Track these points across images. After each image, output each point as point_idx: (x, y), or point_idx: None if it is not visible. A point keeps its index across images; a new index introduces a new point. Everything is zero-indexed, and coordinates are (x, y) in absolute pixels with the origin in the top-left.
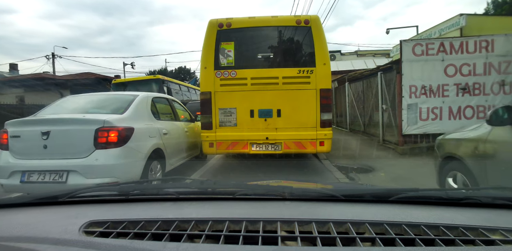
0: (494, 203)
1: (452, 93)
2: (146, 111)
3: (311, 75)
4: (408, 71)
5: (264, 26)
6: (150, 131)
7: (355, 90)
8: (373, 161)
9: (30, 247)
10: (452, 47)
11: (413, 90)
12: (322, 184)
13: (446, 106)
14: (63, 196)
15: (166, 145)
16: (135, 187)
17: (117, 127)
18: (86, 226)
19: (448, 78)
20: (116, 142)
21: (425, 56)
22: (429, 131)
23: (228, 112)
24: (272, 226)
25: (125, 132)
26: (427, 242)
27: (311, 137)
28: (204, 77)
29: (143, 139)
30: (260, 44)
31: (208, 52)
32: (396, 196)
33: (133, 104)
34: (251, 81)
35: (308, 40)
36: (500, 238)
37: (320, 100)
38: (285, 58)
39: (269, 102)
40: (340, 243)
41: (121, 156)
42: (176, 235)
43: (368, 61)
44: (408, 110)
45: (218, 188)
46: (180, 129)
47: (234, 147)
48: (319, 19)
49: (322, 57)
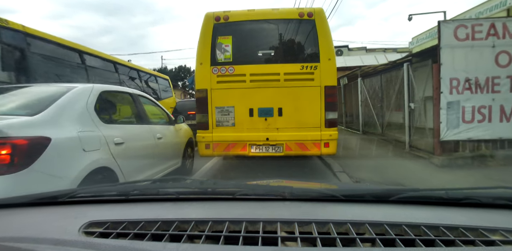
0: (494, 203)
1: (504, 88)
2: (85, 111)
3: (315, 71)
4: (448, 60)
5: (264, 20)
6: (87, 141)
7: (370, 86)
8: (404, 176)
9: (29, 247)
10: (506, 29)
11: (455, 84)
12: (322, 184)
13: (497, 105)
14: (63, 196)
15: (120, 160)
16: (135, 187)
17: (13, 137)
18: (85, 227)
19: (499, 69)
20: (8, 163)
21: (470, 41)
22: (475, 136)
23: (226, 111)
24: (272, 227)
25: (29, 146)
26: (427, 243)
27: (315, 138)
28: (200, 74)
29: (70, 155)
30: (260, 38)
31: (204, 47)
32: (396, 196)
33: (59, 101)
34: (250, 78)
35: (312, 34)
36: (500, 238)
37: (325, 98)
38: (287, 53)
39: (269, 101)
40: (340, 244)
41: (17, 189)
42: (176, 236)
43: (379, 57)
44: (447, 109)
45: (218, 188)
46: (148, 135)
47: (232, 149)
48: (324, 12)
49: (327, 52)
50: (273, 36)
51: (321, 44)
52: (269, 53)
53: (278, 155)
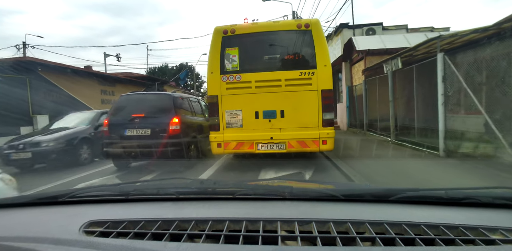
0: (494, 202)
1: None
2: None
3: (312, 77)
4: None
5: (266, 31)
6: None
7: (418, 77)
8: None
9: (30, 247)
10: None
11: None
12: (322, 184)
13: None
14: (63, 196)
15: None
16: (135, 186)
17: None
18: (86, 226)
19: None
20: None
21: None
22: None
23: (234, 114)
24: (272, 226)
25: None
26: (427, 242)
27: (314, 136)
28: (211, 82)
29: None
30: (263, 48)
31: (214, 58)
32: (396, 196)
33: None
34: (255, 84)
35: (309, 43)
36: (500, 237)
37: (322, 101)
38: (287, 61)
39: (273, 104)
40: (340, 243)
41: None
42: (176, 235)
43: None
44: None
45: (218, 188)
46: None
47: (241, 147)
48: (319, 23)
49: (323, 59)
50: (274, 46)
51: (317, 52)
52: (271, 62)
53: (282, 151)
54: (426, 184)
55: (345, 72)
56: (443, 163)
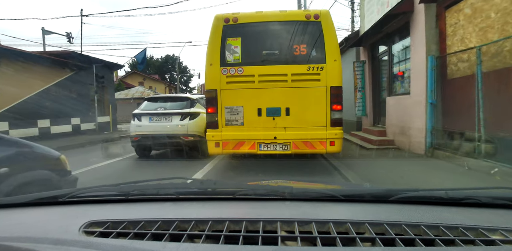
0: (494, 203)
1: None
2: None
3: (321, 72)
4: None
5: (272, 21)
6: None
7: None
8: None
9: (30, 247)
10: None
11: None
12: (322, 184)
13: None
14: (63, 196)
15: None
16: (135, 187)
17: None
18: (86, 226)
19: None
20: None
21: None
22: None
23: (235, 111)
24: (272, 226)
25: None
26: (427, 242)
27: (321, 137)
28: (210, 75)
29: None
30: (268, 40)
31: (213, 49)
32: (396, 196)
33: None
34: (259, 79)
35: (318, 35)
36: (500, 238)
37: (330, 98)
38: (294, 55)
39: (277, 101)
40: (340, 243)
41: None
42: (176, 235)
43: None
44: None
45: (218, 188)
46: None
47: (241, 147)
48: (329, 14)
49: (333, 53)
50: (280, 38)
51: (327, 46)
52: (277, 54)
53: (286, 153)
54: None
55: (426, 25)
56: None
